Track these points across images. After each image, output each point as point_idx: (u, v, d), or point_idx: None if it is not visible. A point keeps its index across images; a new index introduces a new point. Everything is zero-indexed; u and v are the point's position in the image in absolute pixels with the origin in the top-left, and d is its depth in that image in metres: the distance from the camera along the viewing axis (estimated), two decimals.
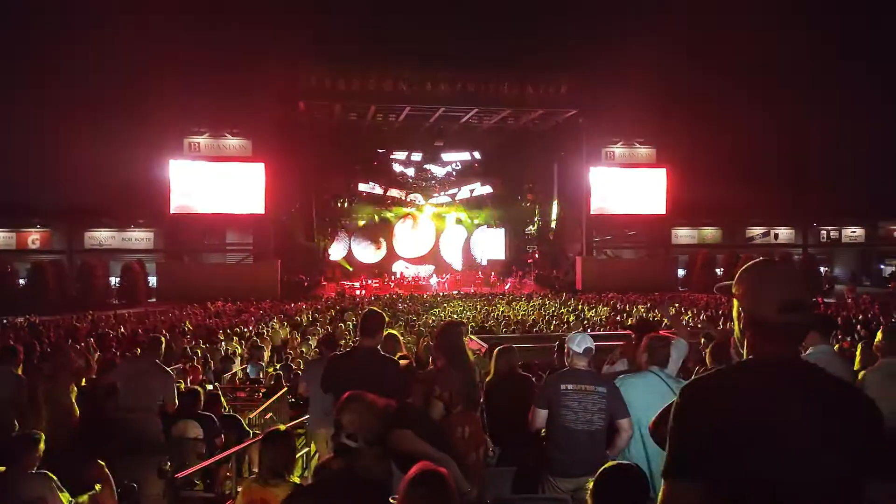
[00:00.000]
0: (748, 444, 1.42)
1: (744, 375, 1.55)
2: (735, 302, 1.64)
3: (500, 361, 4.71)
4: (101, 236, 34.21)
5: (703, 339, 7.23)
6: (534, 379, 5.11)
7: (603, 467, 2.42)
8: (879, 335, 4.10)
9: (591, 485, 2.35)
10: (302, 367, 9.24)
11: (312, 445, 5.94)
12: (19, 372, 5.30)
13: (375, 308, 4.90)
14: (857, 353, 5.90)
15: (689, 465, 1.48)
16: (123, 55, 27.06)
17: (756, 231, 40.27)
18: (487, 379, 4.76)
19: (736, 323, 1.65)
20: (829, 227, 40.85)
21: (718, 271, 34.48)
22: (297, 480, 3.26)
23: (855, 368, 4.72)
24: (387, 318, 4.59)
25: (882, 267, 40.27)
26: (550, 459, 3.89)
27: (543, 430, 4.02)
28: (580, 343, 3.91)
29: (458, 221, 37.55)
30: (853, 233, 41.18)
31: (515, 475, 4.21)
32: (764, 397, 1.46)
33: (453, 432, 3.92)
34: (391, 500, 2.17)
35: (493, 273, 35.72)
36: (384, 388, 4.01)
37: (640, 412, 3.67)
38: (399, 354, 5.10)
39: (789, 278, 1.58)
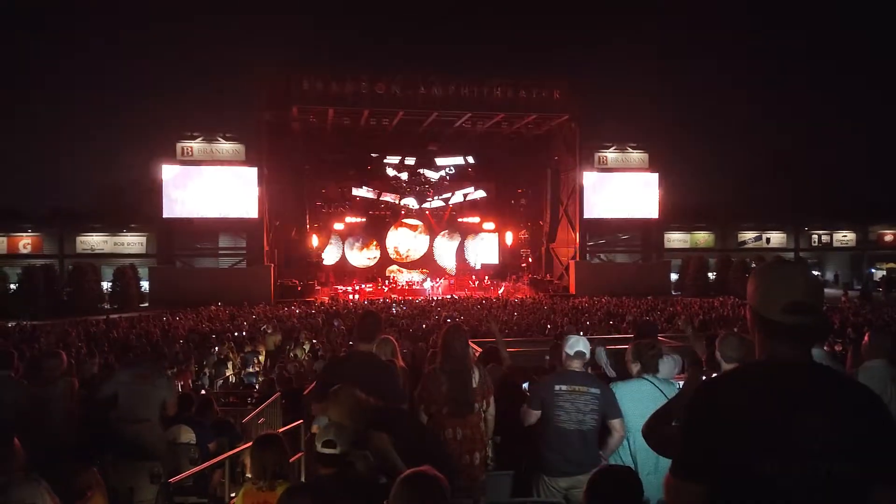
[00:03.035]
0: (756, 446, 1.42)
1: (753, 377, 1.54)
2: (747, 299, 1.63)
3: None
4: (93, 241, 34.03)
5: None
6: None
7: (597, 469, 2.42)
8: (866, 338, 4.15)
9: (584, 484, 2.36)
10: (293, 370, 9.23)
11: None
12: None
13: (371, 311, 4.89)
14: (849, 355, 5.94)
15: (697, 465, 1.48)
16: (117, 60, 27.01)
17: (748, 235, 40.45)
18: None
19: (749, 322, 1.64)
20: (821, 232, 41.10)
21: (711, 275, 34.63)
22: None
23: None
24: (381, 322, 4.57)
25: (872, 271, 40.52)
26: (544, 459, 3.93)
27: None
28: (573, 346, 3.99)
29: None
30: (844, 237, 41.44)
31: (514, 478, 4.23)
32: (772, 399, 1.45)
33: (443, 434, 3.95)
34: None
35: (486, 277, 35.75)
36: (381, 393, 4.01)
37: (633, 419, 3.72)
38: (389, 359, 5.10)
39: (799, 280, 1.55)
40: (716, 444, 1.44)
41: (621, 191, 32.72)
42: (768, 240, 40.52)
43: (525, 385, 5.20)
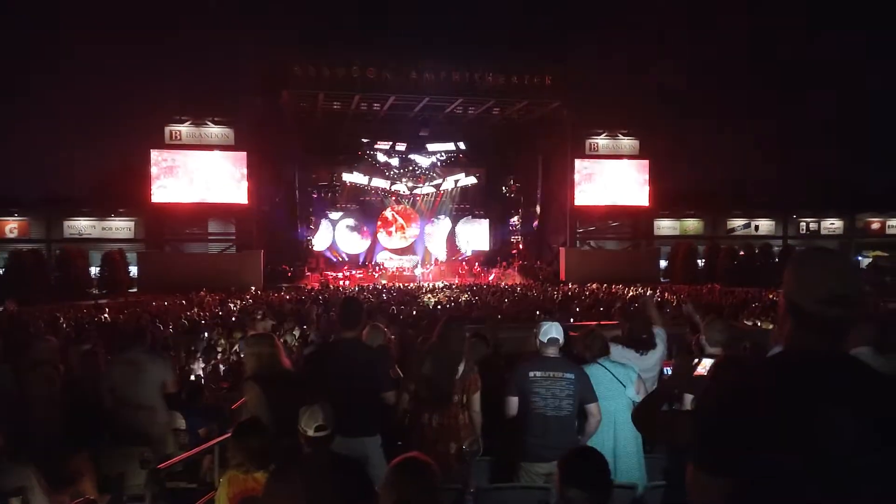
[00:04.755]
0: (786, 440, 1.37)
1: (781, 369, 1.49)
2: (783, 287, 1.57)
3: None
4: (81, 225, 33.75)
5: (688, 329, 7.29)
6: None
7: (566, 452, 2.46)
8: None
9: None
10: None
11: None
12: None
13: (353, 297, 4.94)
14: None
15: (720, 458, 1.44)
16: (103, 43, 26.63)
17: (737, 222, 40.71)
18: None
19: (780, 308, 1.58)
20: (809, 219, 41.42)
21: (700, 262, 34.85)
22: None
23: None
24: (364, 307, 4.58)
25: (860, 258, 40.91)
26: (523, 445, 3.99)
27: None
28: (545, 333, 4.07)
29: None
30: (832, 224, 41.80)
31: (492, 465, 4.28)
32: (806, 392, 1.40)
33: (420, 418, 3.99)
34: (378, 490, 2.19)
35: (477, 263, 35.80)
36: (370, 379, 4.03)
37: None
38: (381, 345, 5.11)
39: (841, 271, 1.50)
40: (744, 436, 1.40)
41: (612, 178, 32.77)
42: (757, 227, 40.80)
43: None
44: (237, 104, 28.28)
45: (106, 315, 16.67)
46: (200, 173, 29.43)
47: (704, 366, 2.60)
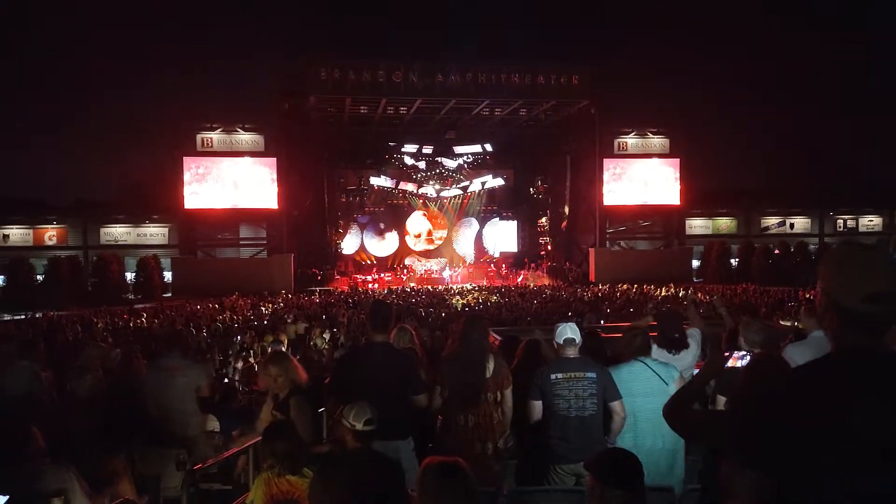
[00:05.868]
0: (823, 440, 1.36)
1: (823, 368, 1.48)
2: (819, 283, 1.55)
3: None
4: (117, 232, 34.54)
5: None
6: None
7: (597, 453, 2.42)
8: None
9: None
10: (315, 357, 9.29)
11: None
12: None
13: (382, 300, 4.94)
14: None
15: (760, 454, 1.44)
16: (136, 53, 27.23)
17: (771, 220, 39.89)
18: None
19: (819, 306, 1.56)
20: (846, 216, 40.38)
21: (734, 262, 34.24)
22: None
23: None
24: (394, 310, 4.58)
25: None
26: (549, 448, 3.96)
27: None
28: (561, 334, 4.05)
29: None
30: (870, 221, 40.69)
31: (518, 467, 4.26)
32: (843, 392, 1.40)
33: (456, 420, 3.99)
34: (410, 492, 2.17)
35: (505, 265, 35.68)
36: (402, 382, 4.04)
37: (632, 401, 3.86)
38: (408, 347, 5.10)
39: (883, 267, 1.47)
40: (778, 435, 1.40)
41: (642, 177, 32.39)
42: (792, 225, 39.93)
43: None
44: (266, 110, 28.64)
45: (143, 319, 17.02)
46: (232, 179, 29.90)
47: (735, 359, 2.54)
